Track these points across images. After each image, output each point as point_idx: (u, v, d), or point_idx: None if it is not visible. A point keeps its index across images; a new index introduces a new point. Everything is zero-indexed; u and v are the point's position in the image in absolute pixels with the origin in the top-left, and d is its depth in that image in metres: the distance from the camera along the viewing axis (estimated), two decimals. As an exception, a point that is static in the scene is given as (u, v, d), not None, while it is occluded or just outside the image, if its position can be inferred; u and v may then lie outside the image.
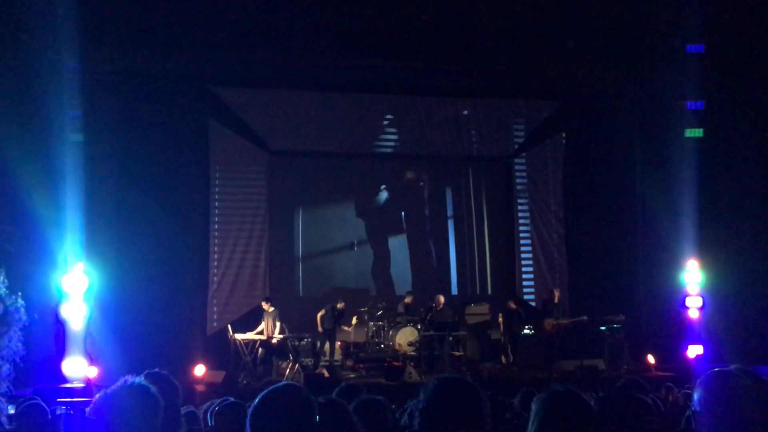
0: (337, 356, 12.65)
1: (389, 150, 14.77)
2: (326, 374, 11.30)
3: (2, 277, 1.43)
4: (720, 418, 2.23)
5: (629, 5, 11.23)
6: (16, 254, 9.74)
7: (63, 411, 5.24)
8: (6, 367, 1.42)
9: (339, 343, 12.94)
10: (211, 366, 11.54)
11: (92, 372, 9.91)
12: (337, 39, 11.74)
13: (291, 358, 11.85)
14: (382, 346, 13.16)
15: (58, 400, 7.50)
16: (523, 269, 14.68)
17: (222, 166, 13.40)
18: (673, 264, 12.60)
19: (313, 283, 14.21)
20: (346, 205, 14.72)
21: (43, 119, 10.49)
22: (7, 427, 2.00)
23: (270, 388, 2.25)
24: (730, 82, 12.58)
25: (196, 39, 11.55)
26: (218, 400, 4.91)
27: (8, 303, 1.41)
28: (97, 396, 2.43)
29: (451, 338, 12.48)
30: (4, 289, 1.41)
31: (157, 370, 3.14)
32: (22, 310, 1.45)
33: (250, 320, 12.67)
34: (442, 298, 12.68)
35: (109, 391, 2.41)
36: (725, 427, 2.21)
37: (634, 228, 13.74)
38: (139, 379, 2.48)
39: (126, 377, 2.47)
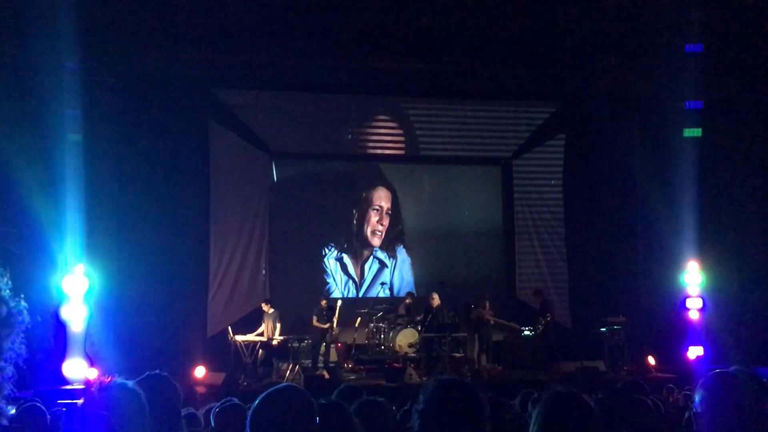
0: (333, 357, 12.61)
1: (389, 151, 14.75)
2: (326, 376, 11.30)
3: (6, 279, 1.43)
4: (721, 419, 2.23)
5: (628, 6, 11.23)
6: (17, 256, 9.72)
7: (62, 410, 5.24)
8: (9, 369, 1.42)
9: (339, 344, 12.93)
10: (212, 368, 11.53)
11: (92, 374, 9.90)
12: (337, 40, 11.74)
13: (291, 359, 11.85)
14: (383, 347, 13.12)
15: (59, 401, 7.48)
16: (523, 270, 14.66)
17: (222, 167, 13.37)
18: (673, 265, 12.59)
19: (313, 284, 14.18)
20: (345, 205, 14.71)
21: (43, 119, 10.48)
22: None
23: (270, 389, 2.24)
24: (729, 82, 12.58)
25: (196, 40, 11.54)
26: (218, 402, 4.90)
27: (12, 305, 1.40)
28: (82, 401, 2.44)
29: (450, 339, 12.46)
30: (8, 291, 1.41)
31: (157, 371, 3.14)
32: (26, 312, 1.45)
33: (251, 322, 12.66)
34: (437, 297, 12.64)
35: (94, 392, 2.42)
36: (726, 428, 2.22)
37: (634, 228, 13.72)
38: (120, 379, 2.49)
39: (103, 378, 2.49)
